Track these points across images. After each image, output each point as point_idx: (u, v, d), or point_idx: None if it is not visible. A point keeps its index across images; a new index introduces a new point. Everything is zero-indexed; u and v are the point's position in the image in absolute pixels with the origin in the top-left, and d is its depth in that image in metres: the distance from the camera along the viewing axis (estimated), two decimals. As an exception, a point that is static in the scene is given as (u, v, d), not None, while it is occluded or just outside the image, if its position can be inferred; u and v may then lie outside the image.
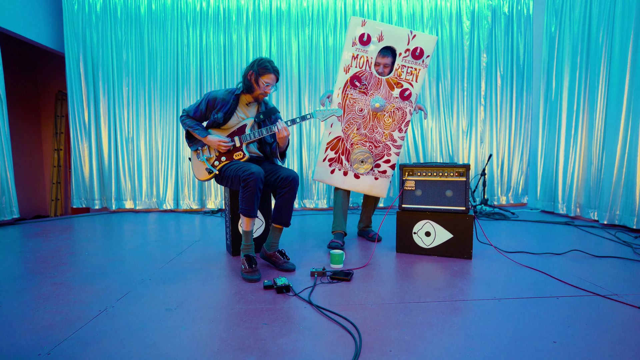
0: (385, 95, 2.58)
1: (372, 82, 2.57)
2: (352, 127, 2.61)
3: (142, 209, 4.37)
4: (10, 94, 4.60)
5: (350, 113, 2.60)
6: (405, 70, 2.56)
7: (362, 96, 2.59)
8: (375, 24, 2.51)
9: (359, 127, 2.61)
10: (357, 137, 2.61)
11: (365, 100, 2.59)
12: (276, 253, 2.11)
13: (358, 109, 2.60)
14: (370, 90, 2.58)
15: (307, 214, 4.09)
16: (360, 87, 2.57)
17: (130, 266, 2.16)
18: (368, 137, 2.61)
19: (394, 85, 2.57)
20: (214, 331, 1.34)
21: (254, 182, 1.93)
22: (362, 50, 2.54)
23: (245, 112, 2.22)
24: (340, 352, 1.20)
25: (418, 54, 2.52)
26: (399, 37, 2.51)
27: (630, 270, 2.02)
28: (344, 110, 2.60)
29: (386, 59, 2.54)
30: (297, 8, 4.29)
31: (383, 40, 2.52)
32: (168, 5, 4.23)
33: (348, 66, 2.57)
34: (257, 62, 2.08)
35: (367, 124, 2.61)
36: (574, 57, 3.68)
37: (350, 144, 2.62)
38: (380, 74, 2.57)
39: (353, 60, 2.56)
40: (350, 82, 2.57)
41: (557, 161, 3.93)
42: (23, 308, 1.56)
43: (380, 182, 2.65)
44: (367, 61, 2.55)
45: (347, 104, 2.60)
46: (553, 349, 1.21)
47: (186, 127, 2.22)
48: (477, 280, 1.88)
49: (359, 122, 2.61)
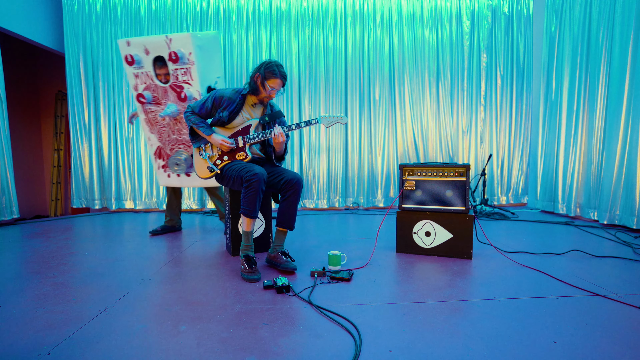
0: (175, 100, 2.79)
1: (159, 92, 2.80)
2: (164, 135, 2.88)
3: (142, 209, 4.37)
4: (10, 94, 4.60)
5: (156, 124, 2.87)
6: (180, 72, 2.73)
7: (157, 107, 2.84)
8: (137, 40, 2.73)
9: (169, 133, 2.86)
10: (171, 142, 2.88)
11: (161, 109, 2.83)
12: (279, 253, 2.10)
13: (161, 119, 2.84)
14: (162, 100, 2.81)
15: (308, 214, 4.09)
16: (149, 99, 2.80)
17: (130, 266, 2.16)
18: (179, 140, 2.87)
19: (177, 89, 2.77)
20: (214, 331, 1.34)
21: (257, 183, 1.93)
22: (139, 68, 2.78)
23: (250, 113, 2.22)
24: (340, 352, 1.20)
25: (175, 58, 2.66)
26: (160, 45, 2.69)
27: (630, 270, 2.02)
28: (150, 123, 2.88)
29: (164, 69, 2.75)
30: (297, 8, 4.29)
31: (150, 52, 2.72)
32: (168, 5, 4.23)
33: (135, 85, 2.83)
34: (264, 65, 2.06)
35: (174, 129, 2.85)
36: (574, 57, 3.68)
37: (170, 149, 2.90)
38: (165, 83, 2.79)
39: (136, 79, 2.81)
40: (137, 99, 2.82)
41: (557, 161, 3.93)
42: (23, 308, 1.56)
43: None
44: (148, 75, 2.79)
45: (151, 117, 2.87)
46: (553, 349, 1.21)
47: (190, 124, 2.22)
48: (477, 280, 1.88)
49: (167, 130, 2.86)
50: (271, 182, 2.14)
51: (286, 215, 2.10)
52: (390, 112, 4.40)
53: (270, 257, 2.13)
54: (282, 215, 2.10)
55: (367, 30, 4.33)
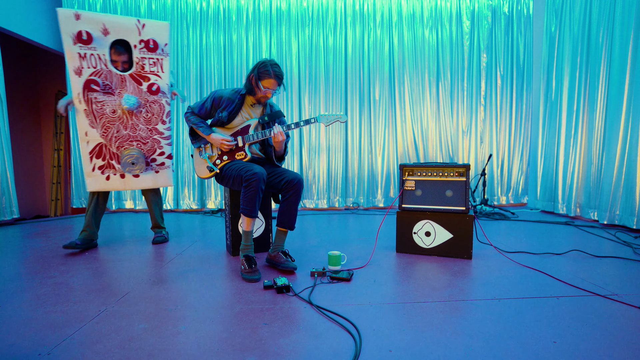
0: (134, 91, 2.45)
1: (114, 80, 2.40)
2: (111, 131, 2.45)
3: (142, 209, 4.37)
4: (10, 94, 4.60)
5: (102, 117, 2.42)
6: (148, 62, 2.44)
7: (109, 97, 2.41)
8: (93, 15, 2.32)
9: (118, 129, 2.46)
10: (120, 139, 2.47)
11: (114, 101, 2.43)
12: (279, 253, 2.10)
13: (110, 111, 2.43)
14: (116, 90, 2.42)
15: (307, 214, 4.09)
16: (103, 88, 2.39)
17: (130, 266, 2.16)
18: (132, 136, 2.49)
19: (141, 79, 2.45)
20: (214, 331, 1.34)
21: (257, 183, 1.93)
22: (89, 49, 2.32)
23: (249, 113, 2.22)
24: (340, 352, 1.20)
25: (153, 47, 2.41)
26: (128, 28, 2.37)
27: (630, 270, 2.02)
28: (94, 115, 2.40)
29: (123, 56, 2.40)
30: (297, 8, 4.29)
31: (110, 33, 2.35)
32: (168, 5, 4.23)
33: (79, 68, 2.32)
34: (259, 65, 2.06)
35: (127, 124, 2.47)
36: (574, 57, 3.68)
37: (117, 147, 2.47)
38: (122, 71, 2.42)
39: (82, 60, 2.32)
40: (86, 86, 2.34)
41: (557, 161, 3.93)
42: (23, 308, 1.56)
43: (163, 174, 2.63)
44: (99, 59, 2.35)
45: (95, 108, 2.39)
46: (553, 349, 1.21)
47: (190, 124, 2.24)
48: (477, 280, 1.88)
49: (117, 124, 2.45)
50: (272, 182, 2.14)
51: (287, 215, 2.10)
52: (390, 112, 4.40)
53: (270, 257, 2.14)
54: (283, 215, 2.11)
55: (367, 30, 4.33)
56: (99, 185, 2.49)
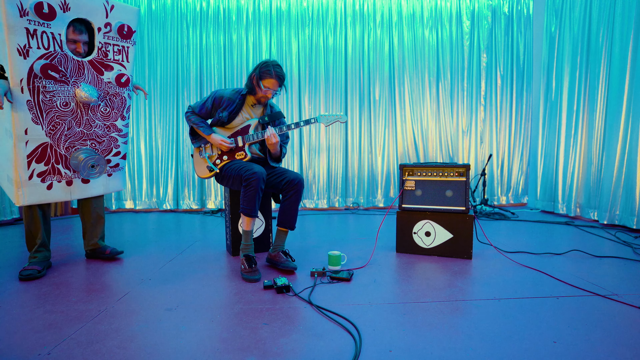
0: (94, 81, 2.06)
1: (70, 66, 1.96)
2: (61, 128, 1.97)
3: (142, 209, 4.37)
4: (10, 94, 4.59)
5: (51, 111, 1.92)
6: (112, 48, 2.10)
7: (62, 87, 1.94)
8: None
9: (70, 125, 2.00)
10: (71, 138, 2.02)
11: (68, 91, 1.97)
12: (279, 253, 2.10)
13: (62, 104, 1.96)
14: (71, 78, 1.98)
15: (307, 214, 4.09)
16: (61, 77, 1.93)
17: (130, 266, 2.16)
18: (86, 134, 2.07)
19: (102, 68, 2.09)
20: (214, 331, 1.34)
21: (256, 182, 1.94)
22: (40, 24, 1.83)
23: (250, 113, 2.22)
24: (341, 352, 1.20)
25: (126, 33, 2.12)
26: (93, 8, 2.00)
27: (630, 270, 2.02)
28: (40, 107, 1.89)
29: (82, 36, 2.00)
30: (297, 8, 4.29)
31: (70, 10, 1.92)
32: (168, 5, 4.23)
33: (25, 46, 1.79)
34: (261, 65, 2.08)
35: (81, 120, 2.04)
36: (574, 57, 3.68)
37: (66, 148, 2.01)
38: (78, 54, 2.01)
39: (29, 38, 1.80)
40: (41, 71, 1.84)
41: (557, 161, 3.93)
42: (23, 308, 1.56)
43: (116, 177, 2.30)
44: (53, 39, 1.88)
45: (43, 99, 1.89)
46: (553, 349, 1.21)
47: (191, 124, 2.24)
48: (477, 280, 1.88)
49: (69, 120, 1.99)
50: (273, 182, 2.14)
51: (287, 215, 2.10)
52: (390, 112, 4.40)
53: (270, 257, 2.14)
54: (283, 215, 2.11)
55: (367, 30, 4.33)
56: (38, 197, 1.95)
